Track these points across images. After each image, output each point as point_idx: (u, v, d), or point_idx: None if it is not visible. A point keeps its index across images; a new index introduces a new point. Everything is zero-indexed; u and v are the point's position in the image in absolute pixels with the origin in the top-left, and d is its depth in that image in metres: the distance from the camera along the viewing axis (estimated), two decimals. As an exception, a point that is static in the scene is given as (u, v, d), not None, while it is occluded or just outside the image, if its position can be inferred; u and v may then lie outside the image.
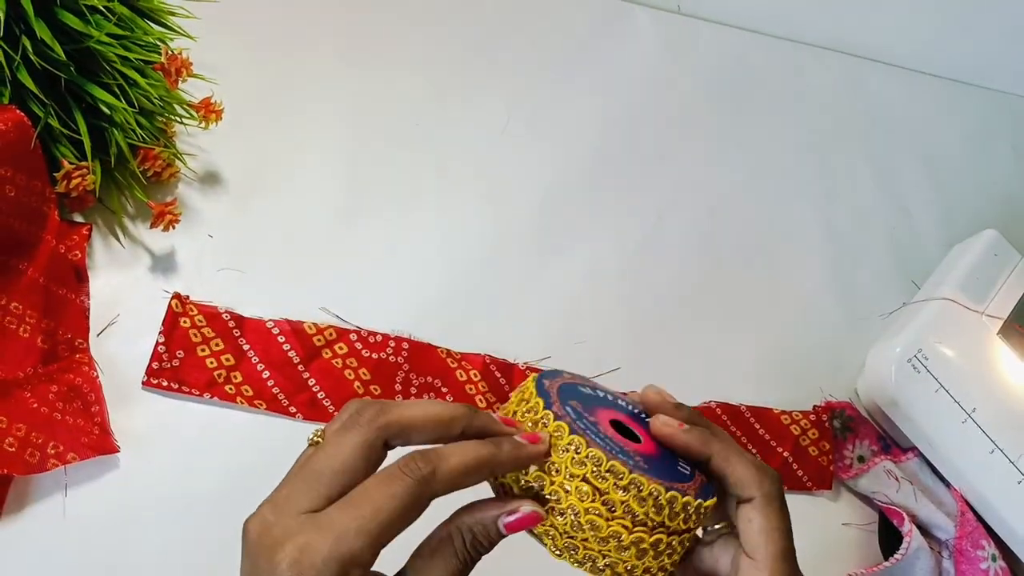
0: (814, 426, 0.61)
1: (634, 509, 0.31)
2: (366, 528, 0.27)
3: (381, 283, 0.57)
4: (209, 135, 0.56)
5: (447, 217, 0.61)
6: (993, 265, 0.66)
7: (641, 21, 0.75)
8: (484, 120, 0.65)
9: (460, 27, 0.68)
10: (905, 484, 0.59)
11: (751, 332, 0.65)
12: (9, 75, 0.43)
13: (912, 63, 0.83)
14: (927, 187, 0.77)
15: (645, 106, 0.71)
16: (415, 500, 0.28)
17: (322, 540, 0.27)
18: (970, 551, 0.58)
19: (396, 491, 0.28)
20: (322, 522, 0.27)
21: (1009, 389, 0.61)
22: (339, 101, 0.62)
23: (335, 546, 0.27)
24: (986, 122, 0.83)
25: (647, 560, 0.32)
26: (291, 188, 0.58)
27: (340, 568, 0.27)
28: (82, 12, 0.44)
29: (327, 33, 0.64)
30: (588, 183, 0.66)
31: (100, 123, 0.48)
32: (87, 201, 0.50)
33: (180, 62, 0.51)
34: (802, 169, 0.74)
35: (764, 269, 0.68)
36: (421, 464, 0.29)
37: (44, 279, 0.47)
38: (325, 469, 0.29)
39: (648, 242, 0.66)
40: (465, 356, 0.56)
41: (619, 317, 0.62)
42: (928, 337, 0.61)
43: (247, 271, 0.54)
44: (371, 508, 0.28)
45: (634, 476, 0.31)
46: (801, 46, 0.80)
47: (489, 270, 0.60)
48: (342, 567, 0.27)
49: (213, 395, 0.50)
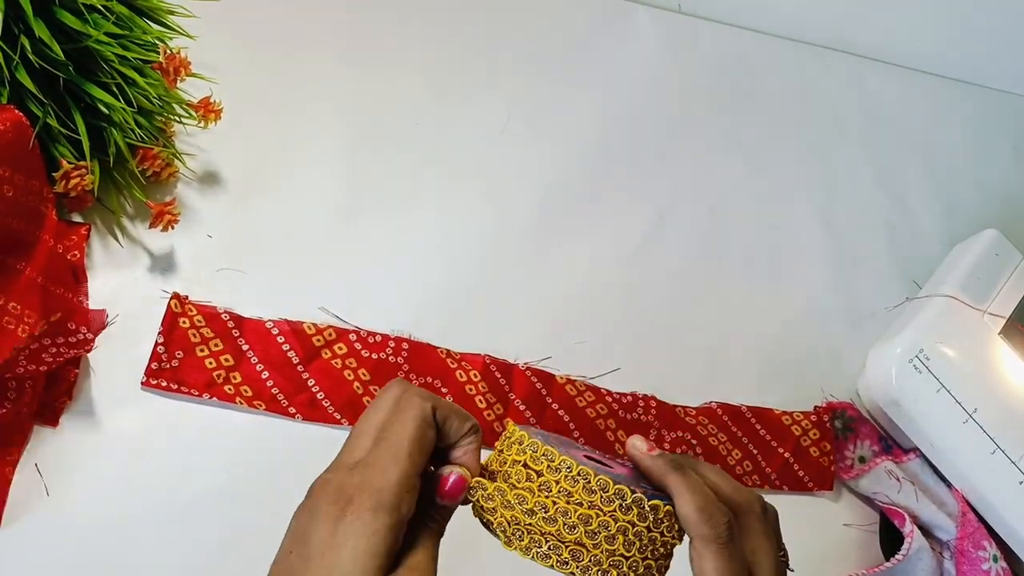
0: (815, 426, 0.61)
1: (570, 489, 0.33)
2: (401, 453, 0.33)
3: (381, 283, 0.57)
4: (208, 135, 0.56)
5: (447, 217, 0.61)
6: (994, 265, 0.66)
7: (641, 20, 0.74)
8: (484, 119, 0.65)
9: (460, 26, 0.68)
10: (906, 485, 0.59)
11: (751, 332, 0.65)
12: (8, 75, 0.43)
13: (912, 63, 0.83)
14: (927, 187, 0.77)
15: (645, 106, 0.71)
16: (424, 415, 0.34)
17: (372, 475, 0.32)
18: (971, 552, 0.58)
19: (409, 415, 0.34)
20: (368, 461, 0.33)
21: (1011, 389, 0.61)
22: (339, 100, 0.62)
23: (383, 477, 0.32)
24: (986, 122, 0.83)
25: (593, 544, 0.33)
26: (290, 188, 0.58)
27: (395, 492, 0.32)
28: (80, 11, 0.44)
29: (327, 32, 0.63)
30: (588, 183, 0.66)
31: (99, 123, 0.48)
32: (86, 201, 0.50)
33: (178, 61, 0.51)
34: (802, 169, 0.74)
35: (764, 269, 0.68)
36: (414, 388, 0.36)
37: (42, 279, 0.46)
38: (367, 427, 0.34)
39: (648, 242, 0.66)
40: (465, 356, 0.56)
41: (619, 317, 0.62)
42: (929, 337, 0.61)
43: (246, 271, 0.54)
44: (397, 436, 0.33)
45: (573, 463, 0.34)
46: (801, 46, 0.80)
47: (489, 270, 0.60)
48: (396, 491, 0.32)
49: (212, 395, 0.50)
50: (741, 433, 0.60)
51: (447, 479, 0.35)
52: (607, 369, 0.59)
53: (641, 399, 0.58)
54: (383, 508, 0.32)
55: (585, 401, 0.57)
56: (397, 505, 0.32)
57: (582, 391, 0.57)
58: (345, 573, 0.31)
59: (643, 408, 0.58)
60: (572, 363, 0.58)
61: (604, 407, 0.57)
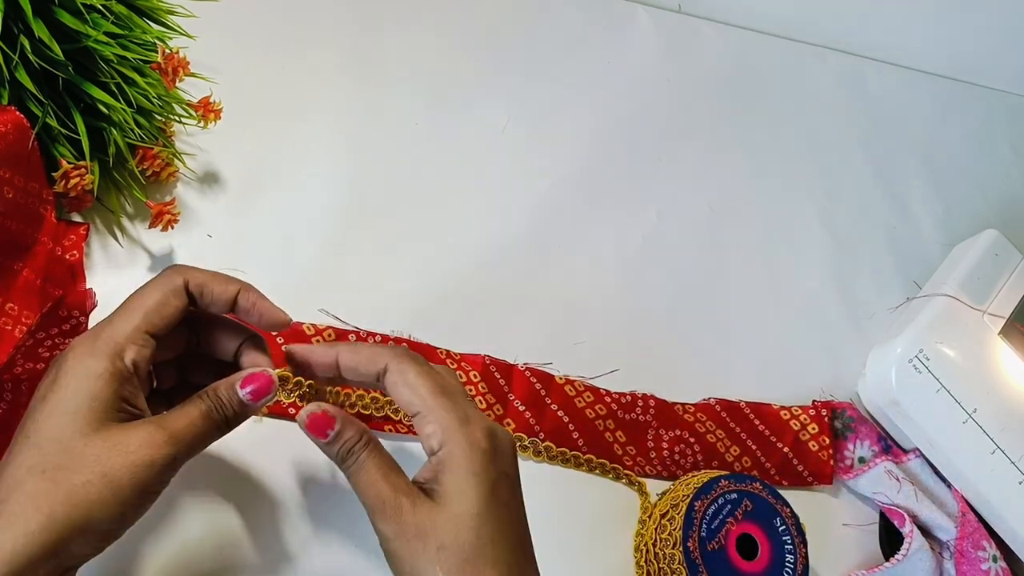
0: (813, 420, 0.61)
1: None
2: (134, 313, 0.38)
3: (380, 283, 0.57)
4: (208, 135, 0.56)
5: (447, 217, 0.61)
6: (994, 265, 0.66)
7: (641, 20, 0.74)
8: (484, 119, 0.65)
9: (460, 26, 0.68)
10: (906, 485, 0.59)
11: (751, 333, 0.65)
12: (7, 75, 0.43)
13: (912, 63, 0.83)
14: (927, 187, 0.77)
15: (645, 106, 0.71)
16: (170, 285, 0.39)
17: (100, 329, 0.37)
18: (971, 552, 0.58)
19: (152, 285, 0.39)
20: (103, 322, 0.38)
21: (1011, 389, 0.61)
22: (339, 100, 0.62)
23: (109, 329, 0.37)
24: (986, 122, 0.83)
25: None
26: (290, 188, 0.58)
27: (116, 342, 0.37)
28: (80, 11, 0.44)
29: (327, 32, 0.63)
30: (588, 183, 0.66)
31: (98, 123, 0.48)
32: (85, 201, 0.50)
33: (177, 61, 0.51)
34: (802, 168, 0.74)
35: (764, 269, 0.68)
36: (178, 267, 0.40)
37: (40, 281, 0.46)
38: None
39: (648, 242, 0.66)
40: (464, 357, 0.56)
41: (619, 317, 0.62)
42: (929, 337, 0.61)
43: (246, 271, 0.54)
44: (135, 301, 0.38)
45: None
46: (801, 45, 0.80)
47: (489, 270, 0.60)
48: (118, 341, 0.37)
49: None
50: (740, 429, 0.60)
51: (250, 377, 0.39)
52: (607, 369, 0.59)
53: (640, 398, 0.58)
54: (102, 354, 0.36)
55: (584, 402, 0.57)
56: (118, 353, 0.36)
57: (581, 391, 0.57)
58: (66, 411, 0.35)
59: (642, 408, 0.58)
60: (572, 363, 0.58)
61: (603, 407, 0.57)
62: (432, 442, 0.39)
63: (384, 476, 0.39)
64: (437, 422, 0.39)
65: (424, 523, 0.37)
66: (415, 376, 0.40)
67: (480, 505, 0.38)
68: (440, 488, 0.38)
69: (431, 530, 0.37)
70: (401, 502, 0.38)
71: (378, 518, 0.38)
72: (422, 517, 0.38)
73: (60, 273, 0.48)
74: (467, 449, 0.38)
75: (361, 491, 0.39)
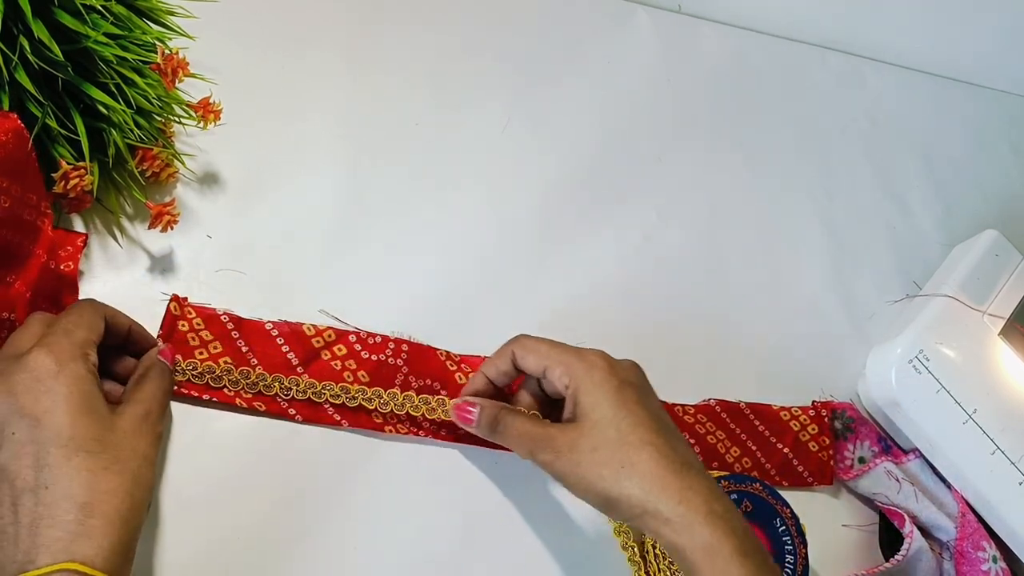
0: (813, 421, 0.61)
1: None
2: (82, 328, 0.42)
3: (380, 284, 0.57)
4: (208, 135, 0.56)
5: (447, 217, 0.61)
6: (994, 265, 0.66)
7: (641, 20, 0.74)
8: (484, 119, 0.65)
9: (460, 26, 0.68)
10: (906, 485, 0.59)
11: (751, 333, 0.65)
12: (7, 76, 0.43)
13: (912, 63, 0.83)
14: (927, 187, 0.77)
15: (645, 106, 0.71)
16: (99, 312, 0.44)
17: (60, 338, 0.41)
18: (971, 552, 0.58)
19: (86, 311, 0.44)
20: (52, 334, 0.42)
21: (1011, 390, 0.61)
22: (339, 100, 0.62)
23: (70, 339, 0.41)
24: (986, 122, 0.83)
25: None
26: (290, 188, 0.57)
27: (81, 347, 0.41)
28: (79, 12, 0.44)
29: (327, 32, 0.63)
30: (588, 183, 0.66)
31: (98, 123, 0.48)
32: (85, 201, 0.50)
33: (176, 62, 0.50)
34: (802, 168, 0.74)
35: (764, 269, 0.68)
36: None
37: (31, 294, 0.46)
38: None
39: (648, 242, 0.66)
40: (465, 358, 0.56)
41: (619, 317, 0.62)
42: (929, 338, 0.61)
43: (246, 272, 0.54)
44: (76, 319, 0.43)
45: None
46: (801, 46, 0.80)
47: (489, 271, 0.60)
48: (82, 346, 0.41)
49: (212, 397, 0.50)
50: (740, 430, 0.60)
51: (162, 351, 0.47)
52: (607, 370, 0.59)
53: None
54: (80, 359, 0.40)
55: (585, 402, 0.57)
56: (87, 356, 0.41)
57: (582, 392, 0.57)
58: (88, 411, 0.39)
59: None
60: (572, 364, 0.58)
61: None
62: (563, 381, 0.47)
63: (529, 422, 0.48)
64: (559, 364, 0.47)
65: (573, 438, 0.45)
66: (533, 342, 0.49)
67: (612, 408, 0.45)
68: (578, 410, 0.46)
69: (580, 440, 0.45)
70: (549, 431, 0.46)
71: (537, 452, 0.46)
72: (570, 435, 0.45)
73: (52, 286, 0.47)
74: (587, 371, 0.47)
75: (516, 443, 0.48)
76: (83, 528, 0.37)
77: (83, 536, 0.37)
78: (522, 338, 0.50)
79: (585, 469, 0.44)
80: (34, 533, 0.36)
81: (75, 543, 0.36)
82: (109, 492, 0.38)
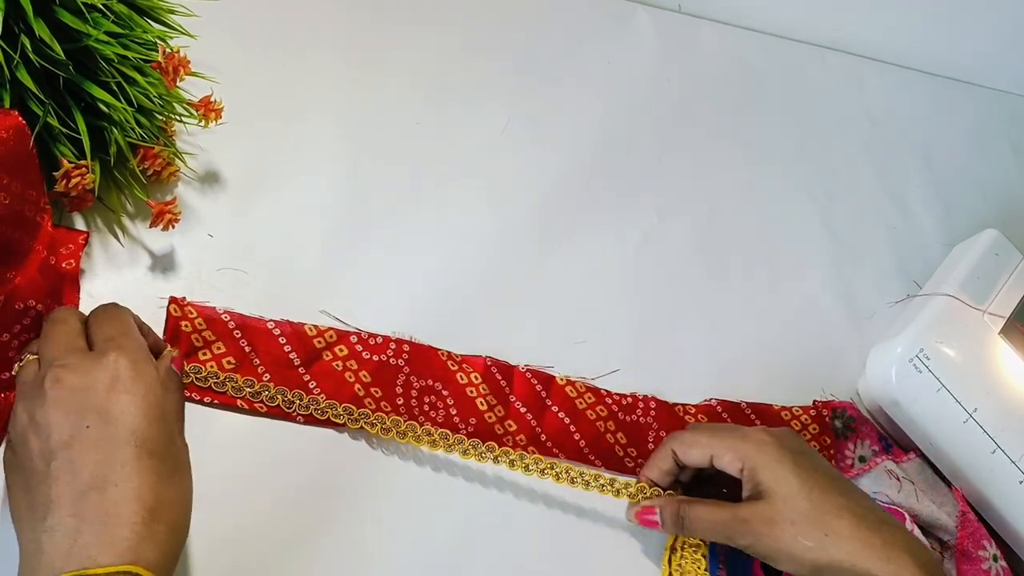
0: (814, 421, 0.61)
1: None
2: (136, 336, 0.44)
3: (382, 284, 0.57)
4: (209, 134, 0.56)
5: (448, 217, 0.61)
6: (994, 264, 0.66)
7: (641, 20, 0.74)
8: (484, 120, 0.65)
9: (460, 26, 0.68)
10: (906, 484, 0.59)
11: (751, 333, 0.65)
12: (8, 75, 0.43)
13: (912, 63, 0.83)
14: (927, 187, 0.77)
15: (645, 106, 0.71)
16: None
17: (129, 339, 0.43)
18: (972, 551, 0.58)
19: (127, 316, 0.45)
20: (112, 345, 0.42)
21: (1011, 389, 0.61)
22: (340, 100, 0.62)
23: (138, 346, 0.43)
24: (986, 122, 0.83)
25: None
26: (291, 187, 0.57)
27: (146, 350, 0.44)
28: (81, 11, 0.44)
29: (328, 32, 0.63)
30: (588, 183, 0.66)
31: (99, 122, 0.48)
32: (86, 200, 0.50)
33: (177, 60, 0.50)
34: (802, 168, 0.74)
35: (764, 269, 0.68)
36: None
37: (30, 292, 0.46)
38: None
39: (648, 242, 0.66)
40: (466, 358, 0.56)
41: (619, 317, 0.62)
42: (929, 337, 0.61)
43: (247, 271, 0.54)
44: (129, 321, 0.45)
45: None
46: (801, 46, 0.80)
47: (490, 271, 0.60)
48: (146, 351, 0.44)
49: (215, 399, 0.50)
50: (741, 432, 0.60)
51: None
52: (608, 369, 0.59)
53: (641, 400, 0.58)
54: (150, 362, 0.42)
55: (585, 403, 0.57)
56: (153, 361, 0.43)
57: (582, 392, 0.57)
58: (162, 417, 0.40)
59: (642, 410, 0.58)
60: (573, 363, 0.58)
61: (604, 409, 0.57)
62: (735, 465, 0.49)
63: (714, 510, 0.49)
64: (727, 451, 0.49)
65: (768, 515, 0.47)
66: (690, 435, 0.52)
67: (797, 480, 0.47)
68: (761, 487, 0.48)
69: (777, 516, 0.46)
70: (739, 514, 0.48)
71: (737, 538, 0.48)
72: (763, 512, 0.47)
73: (53, 284, 0.47)
74: (757, 450, 0.48)
75: (709, 533, 0.50)
76: (149, 532, 0.36)
77: (149, 540, 0.36)
78: (677, 435, 0.52)
79: (789, 544, 0.46)
80: (97, 530, 0.36)
81: (141, 546, 0.36)
82: (171, 501, 0.38)
